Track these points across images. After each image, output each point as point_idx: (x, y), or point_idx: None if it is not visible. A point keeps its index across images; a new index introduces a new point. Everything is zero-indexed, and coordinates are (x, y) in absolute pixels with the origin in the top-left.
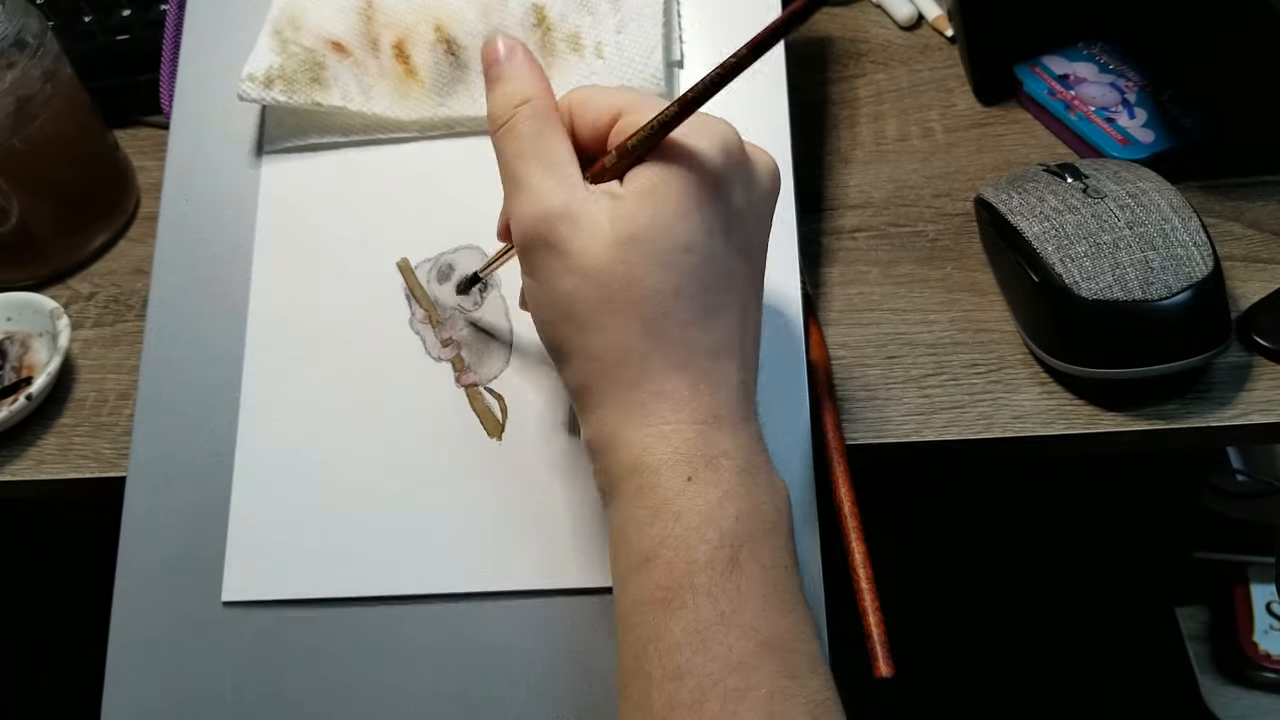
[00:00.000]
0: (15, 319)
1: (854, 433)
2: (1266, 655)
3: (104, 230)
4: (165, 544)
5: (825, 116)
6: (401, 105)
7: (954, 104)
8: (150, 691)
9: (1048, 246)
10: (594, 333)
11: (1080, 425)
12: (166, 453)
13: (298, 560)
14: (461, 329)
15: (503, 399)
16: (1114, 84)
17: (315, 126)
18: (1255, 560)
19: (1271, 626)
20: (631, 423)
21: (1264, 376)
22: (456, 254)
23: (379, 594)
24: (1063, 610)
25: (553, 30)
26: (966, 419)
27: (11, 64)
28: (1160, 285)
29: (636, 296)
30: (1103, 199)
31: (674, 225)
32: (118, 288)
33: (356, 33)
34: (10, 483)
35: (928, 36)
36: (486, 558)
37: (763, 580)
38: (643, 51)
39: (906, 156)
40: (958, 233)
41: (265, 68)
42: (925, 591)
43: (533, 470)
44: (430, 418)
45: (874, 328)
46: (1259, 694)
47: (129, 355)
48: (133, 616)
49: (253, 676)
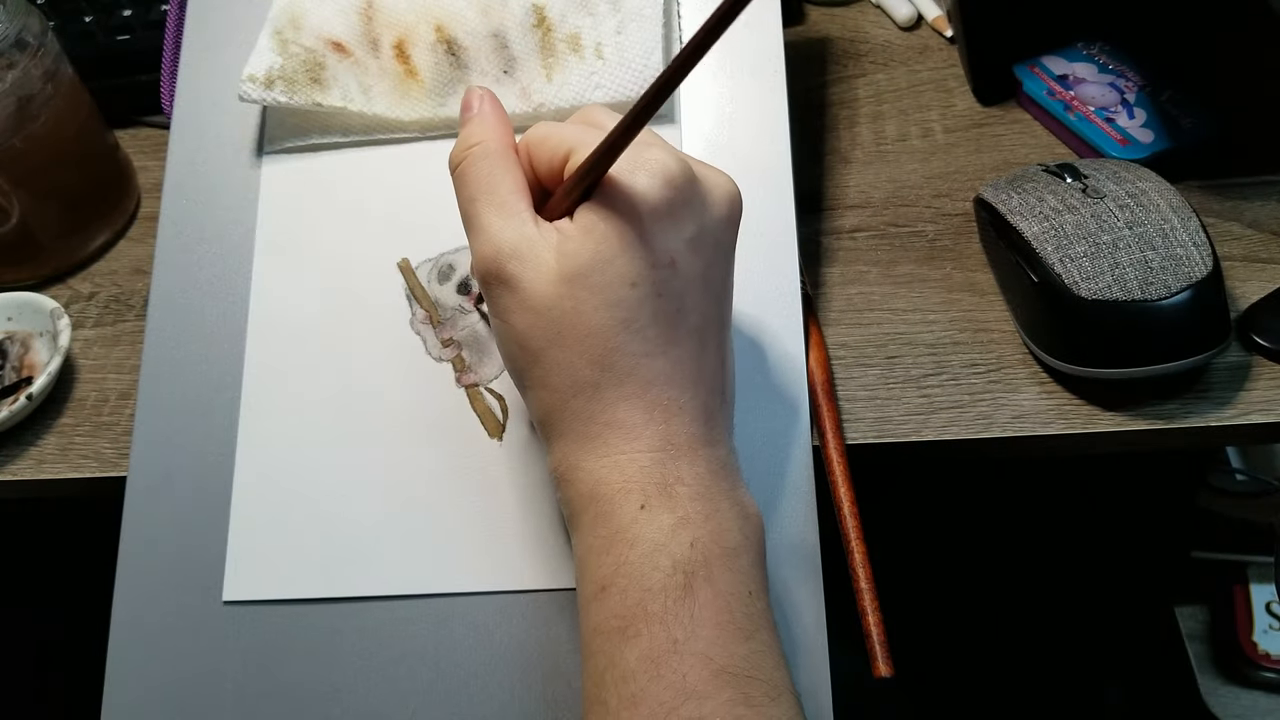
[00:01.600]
0: (15, 319)
1: (854, 433)
2: (1266, 655)
3: (104, 230)
4: (165, 544)
5: (825, 116)
6: (402, 105)
7: (953, 104)
8: (150, 691)
9: (1047, 246)
10: (547, 366)
11: (1080, 425)
12: (166, 453)
13: (298, 560)
14: (462, 329)
15: (503, 399)
16: (1113, 84)
17: (315, 127)
18: (1254, 560)
19: (1271, 626)
20: (587, 453)
21: (1263, 376)
22: (457, 254)
23: (379, 594)
24: (1063, 610)
25: (553, 31)
26: (966, 419)
27: (12, 64)
28: (1160, 285)
29: (584, 332)
30: (1102, 199)
31: (616, 260)
32: (118, 288)
33: (357, 33)
34: (10, 483)
35: (927, 37)
36: (487, 558)
37: (718, 607)
38: (642, 52)
39: (906, 156)
40: (957, 233)
41: (266, 68)
42: (925, 591)
43: (533, 470)
44: (431, 418)
45: (874, 328)
46: (1259, 694)
47: (129, 355)
48: (133, 616)
49: (253, 676)
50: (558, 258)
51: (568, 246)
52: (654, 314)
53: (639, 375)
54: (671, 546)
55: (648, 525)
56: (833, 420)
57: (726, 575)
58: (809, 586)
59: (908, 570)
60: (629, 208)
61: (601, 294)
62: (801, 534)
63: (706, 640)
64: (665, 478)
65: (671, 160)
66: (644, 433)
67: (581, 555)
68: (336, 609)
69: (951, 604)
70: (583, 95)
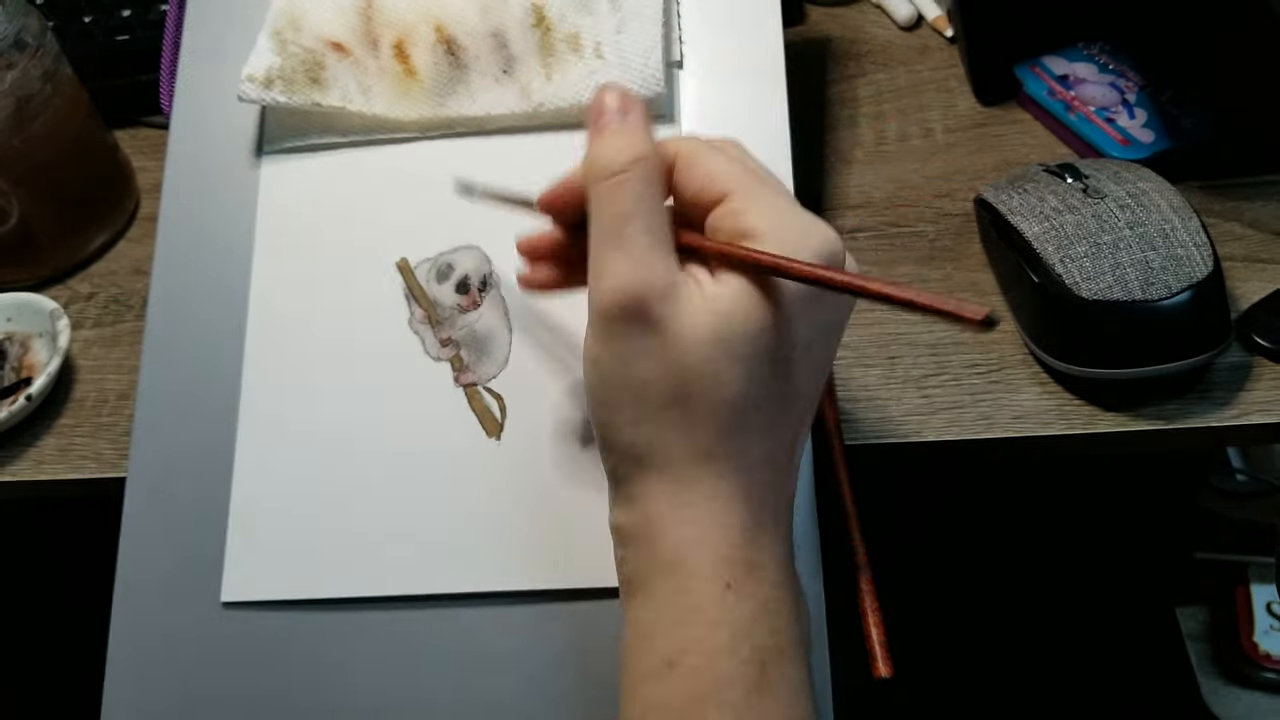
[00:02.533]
0: (15, 319)
1: (854, 433)
2: (1266, 655)
3: (104, 230)
4: (165, 544)
5: (825, 116)
6: (401, 105)
7: (954, 104)
8: (150, 691)
9: (1048, 247)
10: (663, 424)
11: (1080, 425)
12: (166, 453)
13: (298, 560)
14: (460, 329)
15: (502, 398)
16: (1114, 84)
17: (315, 127)
18: (1255, 560)
19: (1271, 626)
20: (678, 520)
21: (1264, 376)
22: (456, 254)
23: (378, 594)
24: (1063, 610)
25: (552, 30)
26: (966, 419)
27: (11, 64)
28: (1160, 285)
29: (716, 400)
30: (1103, 199)
31: (767, 333)
32: (118, 288)
33: (356, 33)
34: (10, 483)
35: (927, 37)
36: (485, 558)
37: (789, 701)
38: (642, 52)
39: (906, 156)
40: (958, 233)
41: (265, 68)
42: (925, 591)
43: (532, 470)
44: (429, 417)
45: (874, 328)
46: (1259, 694)
47: (129, 355)
48: (133, 616)
49: (252, 677)
50: (710, 315)
51: (721, 305)
52: (779, 396)
53: (751, 453)
54: (754, 633)
55: (735, 608)
56: (833, 420)
57: (794, 668)
58: (809, 586)
59: (908, 570)
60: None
61: (744, 364)
62: (802, 534)
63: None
64: (752, 560)
65: (837, 242)
66: (741, 511)
67: (646, 624)
68: (335, 609)
69: (952, 604)
70: (582, 95)
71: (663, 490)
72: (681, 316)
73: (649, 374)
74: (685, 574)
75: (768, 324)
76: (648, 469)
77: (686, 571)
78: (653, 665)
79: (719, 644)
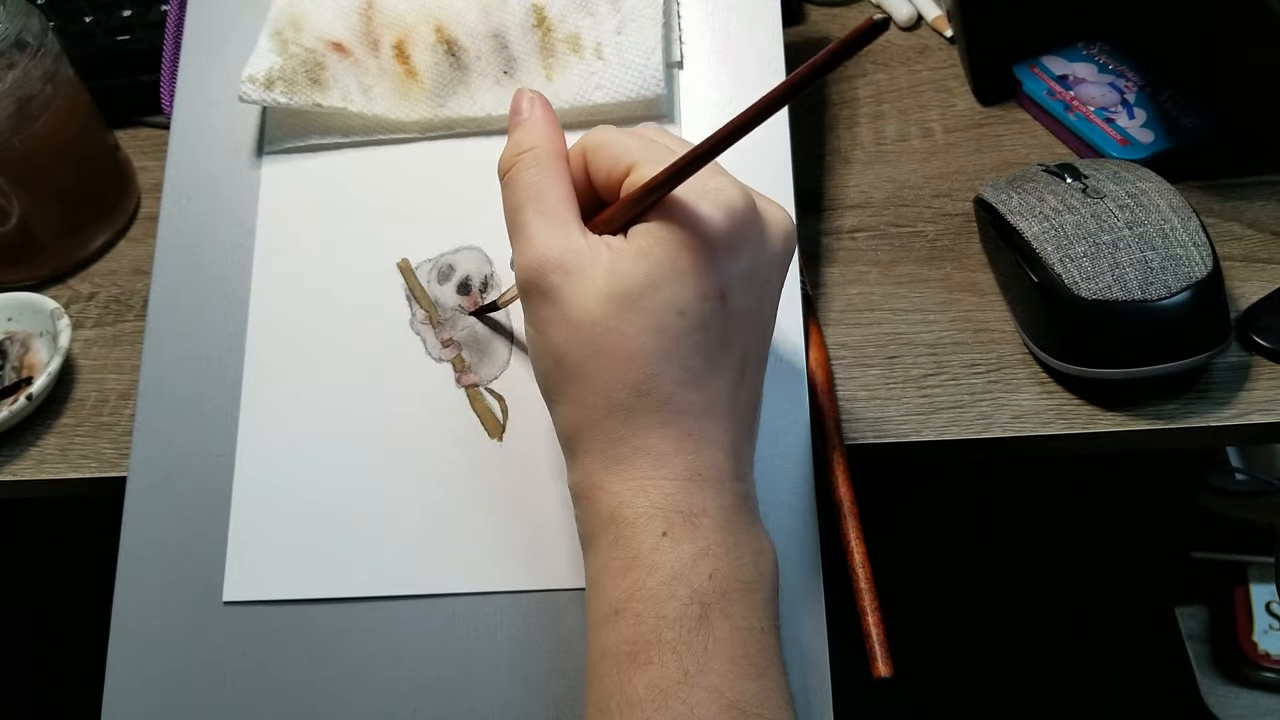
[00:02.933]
0: (16, 319)
1: (854, 433)
2: (1266, 655)
3: (104, 230)
4: (165, 544)
5: (825, 116)
6: (402, 106)
7: (953, 104)
8: (150, 691)
9: (1047, 246)
10: (581, 384)
11: (1080, 425)
12: (166, 453)
13: (298, 560)
14: (462, 329)
15: (503, 399)
16: (1113, 84)
17: (315, 127)
18: (1255, 560)
19: (1271, 626)
20: (612, 474)
21: (1263, 376)
22: (457, 254)
23: (379, 594)
24: (1063, 610)
25: (553, 31)
26: (966, 419)
27: (12, 64)
28: (1160, 285)
29: (624, 355)
30: (1102, 199)
31: (668, 287)
32: (118, 288)
33: (357, 33)
34: (10, 483)
35: (927, 37)
36: (486, 558)
37: (732, 641)
38: (642, 52)
39: (906, 157)
40: (957, 233)
41: (266, 69)
42: (925, 591)
43: (533, 471)
44: (431, 418)
45: (874, 328)
46: (1258, 694)
47: (129, 355)
48: (133, 616)
49: (253, 676)
50: (607, 275)
51: (619, 265)
52: (696, 345)
53: (674, 404)
54: (691, 576)
55: (669, 553)
56: (833, 420)
57: (742, 610)
58: (809, 586)
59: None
60: (688, 235)
61: (648, 318)
62: (801, 534)
63: (718, 674)
64: (690, 508)
65: (737, 192)
66: (673, 461)
67: (595, 576)
68: (336, 609)
69: (951, 604)
70: (583, 95)
71: (594, 447)
72: (580, 280)
73: (559, 338)
74: (622, 524)
75: (668, 276)
76: (580, 428)
77: (624, 522)
78: (603, 614)
79: (657, 588)
